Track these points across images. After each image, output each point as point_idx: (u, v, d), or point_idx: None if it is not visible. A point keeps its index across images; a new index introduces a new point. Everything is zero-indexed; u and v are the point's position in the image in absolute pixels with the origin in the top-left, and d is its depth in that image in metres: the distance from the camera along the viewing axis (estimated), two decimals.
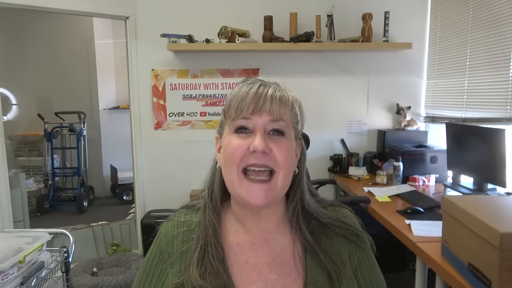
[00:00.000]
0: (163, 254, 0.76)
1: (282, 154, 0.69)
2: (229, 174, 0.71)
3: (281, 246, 0.76)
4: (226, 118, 0.73)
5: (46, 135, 4.48)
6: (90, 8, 2.69)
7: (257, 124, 0.69)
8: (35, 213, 4.32)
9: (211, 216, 0.75)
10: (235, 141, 0.69)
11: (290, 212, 0.77)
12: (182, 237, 0.76)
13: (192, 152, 2.97)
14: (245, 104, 0.69)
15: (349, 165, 2.96)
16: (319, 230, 0.77)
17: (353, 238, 0.78)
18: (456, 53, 2.65)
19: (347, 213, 0.82)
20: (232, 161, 0.69)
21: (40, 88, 4.88)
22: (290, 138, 0.72)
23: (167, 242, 0.76)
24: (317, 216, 0.77)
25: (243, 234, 0.76)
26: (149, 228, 2.80)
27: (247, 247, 0.75)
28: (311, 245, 0.74)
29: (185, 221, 0.79)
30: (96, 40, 4.97)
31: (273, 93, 0.70)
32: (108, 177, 5.10)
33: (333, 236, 0.77)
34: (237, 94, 0.71)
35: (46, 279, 1.52)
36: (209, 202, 0.77)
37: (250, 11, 2.91)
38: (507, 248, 1.02)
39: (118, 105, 5.12)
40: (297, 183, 0.77)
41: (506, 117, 2.18)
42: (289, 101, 0.72)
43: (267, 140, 0.68)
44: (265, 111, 0.69)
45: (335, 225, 0.77)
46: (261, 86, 0.71)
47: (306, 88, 2.99)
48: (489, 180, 2.10)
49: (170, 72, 2.95)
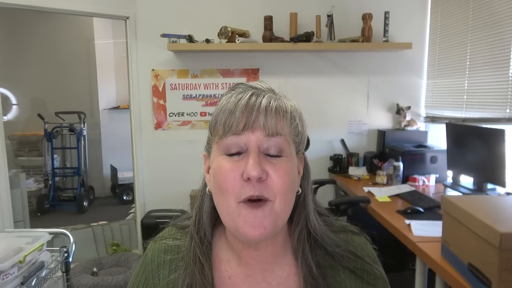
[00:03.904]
0: (148, 280, 0.70)
1: (280, 177, 0.58)
2: (222, 205, 0.60)
3: (278, 279, 0.66)
4: (213, 135, 0.62)
5: (46, 135, 4.48)
6: (90, 8, 2.69)
7: (250, 142, 0.58)
8: (35, 213, 4.32)
9: (197, 252, 0.66)
10: (225, 165, 0.59)
11: (295, 240, 0.66)
12: (169, 265, 0.69)
13: (192, 152, 2.97)
14: (234, 119, 0.58)
15: (349, 165, 2.96)
16: (324, 261, 0.67)
17: (363, 275, 0.66)
18: (456, 53, 2.65)
19: (360, 242, 0.70)
20: (224, 191, 0.58)
21: (40, 88, 4.88)
22: (289, 156, 0.61)
23: (153, 269, 0.70)
24: (323, 242, 0.66)
25: (237, 266, 0.67)
26: (149, 228, 2.81)
27: (241, 280, 0.67)
28: (315, 280, 0.63)
29: (173, 246, 0.70)
30: (96, 40, 4.97)
31: (267, 104, 0.58)
32: (108, 177, 5.10)
33: (339, 270, 0.66)
34: (224, 106, 0.60)
35: (46, 279, 1.52)
36: (195, 235, 0.67)
37: (250, 11, 2.91)
38: (507, 248, 1.02)
39: (118, 105, 5.12)
40: (301, 204, 0.67)
41: (506, 117, 2.18)
42: (287, 111, 0.60)
43: (263, 162, 0.57)
44: (259, 126, 0.57)
45: (343, 256, 0.66)
46: (253, 95, 0.59)
47: (306, 88, 2.99)
48: (489, 180, 2.10)
49: (170, 72, 2.95)
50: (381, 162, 2.80)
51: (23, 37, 4.76)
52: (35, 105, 4.84)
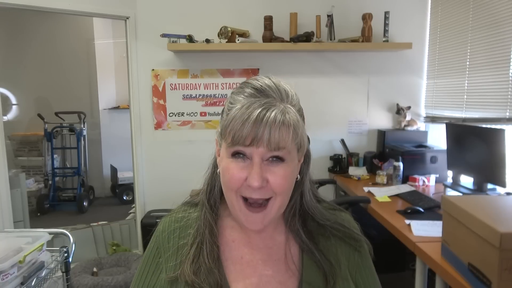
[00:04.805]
0: (159, 249, 0.77)
1: (279, 183, 0.67)
2: (228, 196, 0.71)
3: (278, 244, 0.77)
4: (223, 138, 0.69)
5: (46, 135, 4.48)
6: (90, 8, 2.69)
7: (254, 154, 0.66)
8: (35, 213, 4.32)
9: (208, 216, 0.76)
10: (232, 168, 0.68)
11: (287, 212, 0.77)
12: (179, 232, 0.77)
13: (192, 152, 2.97)
14: (242, 136, 0.64)
15: (349, 165, 2.96)
16: (316, 230, 0.78)
17: (351, 241, 0.78)
18: (456, 53, 2.65)
19: (346, 217, 0.82)
20: (230, 188, 0.69)
21: (40, 88, 4.88)
22: (290, 161, 0.69)
23: (164, 237, 0.78)
24: (314, 216, 0.78)
25: (240, 231, 0.77)
26: (149, 228, 2.81)
27: (243, 244, 0.76)
28: (306, 245, 0.75)
29: (182, 217, 0.80)
30: (96, 40, 4.97)
31: (273, 120, 0.64)
32: (108, 177, 5.10)
33: (330, 237, 0.77)
34: (234, 117, 0.66)
35: (46, 279, 1.52)
36: (206, 203, 0.78)
37: (250, 11, 2.91)
38: (507, 248, 1.02)
39: (118, 105, 5.12)
40: (298, 185, 0.76)
41: (506, 117, 2.18)
42: (291, 127, 0.66)
43: (264, 170, 0.66)
44: (263, 143, 0.64)
45: (333, 227, 0.78)
46: (263, 110, 0.65)
47: (306, 88, 2.99)
48: (489, 180, 2.10)
49: (170, 72, 2.95)
50: (381, 162, 2.80)
51: (23, 37, 4.76)
52: (39, 105, 4.84)
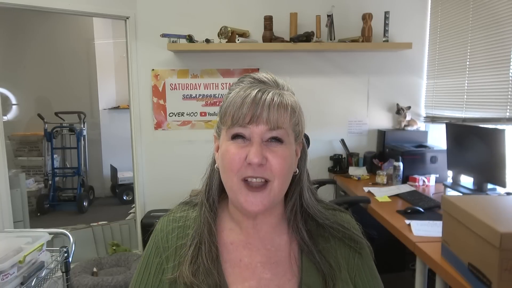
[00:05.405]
0: (158, 249, 0.76)
1: (278, 163, 0.67)
2: (227, 182, 0.71)
3: (277, 246, 0.75)
4: (222, 124, 0.72)
5: (46, 135, 4.48)
6: (90, 8, 2.69)
7: (254, 134, 0.67)
8: (35, 213, 4.32)
9: (207, 215, 0.75)
10: (232, 149, 0.68)
11: (289, 211, 0.76)
12: (177, 232, 0.76)
13: (192, 152, 2.97)
14: (242, 114, 0.66)
15: (349, 165, 2.96)
16: (316, 231, 0.76)
17: (350, 243, 0.76)
18: (456, 53, 2.65)
19: (346, 218, 0.81)
20: (230, 170, 0.69)
21: (40, 88, 4.88)
22: (288, 144, 0.70)
23: (163, 237, 0.77)
24: (315, 215, 0.76)
25: (238, 233, 0.76)
26: (149, 228, 2.80)
27: (242, 246, 0.75)
28: (307, 246, 0.73)
29: (181, 217, 0.79)
30: (96, 40, 4.97)
31: (271, 100, 0.67)
32: (108, 177, 5.10)
33: (330, 238, 0.76)
34: (233, 99, 0.69)
35: (46, 279, 1.52)
36: (205, 202, 0.77)
37: (250, 11, 2.91)
38: (507, 248, 1.02)
39: (118, 105, 5.12)
40: (297, 182, 0.76)
41: (506, 117, 2.18)
42: (288, 107, 0.69)
43: (264, 149, 0.67)
44: (262, 120, 0.66)
45: (332, 227, 0.76)
46: (260, 92, 0.68)
47: (306, 88, 2.99)
48: (489, 180, 2.10)
49: (170, 72, 2.95)
50: (381, 162, 2.80)
51: (23, 37, 4.76)
52: (39, 105, 4.84)
